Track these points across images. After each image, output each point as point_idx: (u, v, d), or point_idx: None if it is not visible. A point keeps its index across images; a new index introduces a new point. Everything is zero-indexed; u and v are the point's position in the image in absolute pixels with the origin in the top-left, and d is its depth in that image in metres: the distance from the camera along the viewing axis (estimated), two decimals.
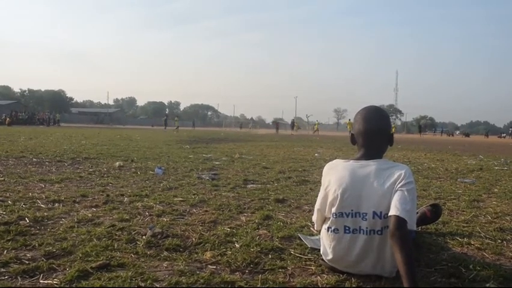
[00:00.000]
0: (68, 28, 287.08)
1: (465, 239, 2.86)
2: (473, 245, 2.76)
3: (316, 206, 2.19)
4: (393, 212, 1.89)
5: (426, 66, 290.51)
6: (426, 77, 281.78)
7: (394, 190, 1.95)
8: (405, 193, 1.93)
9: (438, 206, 3.07)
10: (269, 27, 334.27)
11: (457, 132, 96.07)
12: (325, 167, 2.20)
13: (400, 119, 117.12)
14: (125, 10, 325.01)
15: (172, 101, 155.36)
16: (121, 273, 2.03)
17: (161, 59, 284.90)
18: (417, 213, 2.98)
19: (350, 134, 2.24)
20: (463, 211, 3.84)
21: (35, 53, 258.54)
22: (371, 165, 2.03)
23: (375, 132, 2.10)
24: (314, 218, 2.24)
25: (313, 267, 2.21)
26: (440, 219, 3.35)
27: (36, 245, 2.46)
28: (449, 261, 2.39)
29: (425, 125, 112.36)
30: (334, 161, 2.21)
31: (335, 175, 2.08)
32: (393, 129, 52.05)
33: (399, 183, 1.96)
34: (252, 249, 2.48)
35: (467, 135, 67.32)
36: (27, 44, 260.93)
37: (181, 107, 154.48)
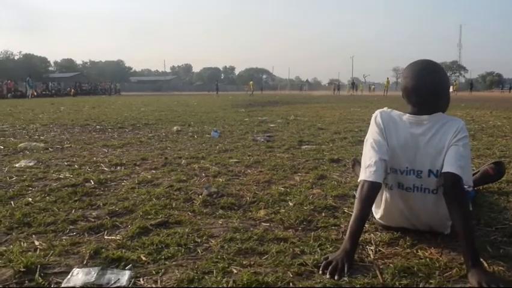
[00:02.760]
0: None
1: None
2: None
3: (370, 148, 1.92)
4: (447, 168, 1.79)
5: (492, 16, 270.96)
6: (493, 29, 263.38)
7: (449, 145, 1.84)
8: (461, 148, 1.82)
9: (501, 164, 2.90)
10: None
11: None
12: (378, 114, 2.00)
13: (464, 76, 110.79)
14: None
15: (227, 66, 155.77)
16: (179, 230, 2.11)
17: (215, 24, 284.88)
18: (478, 171, 2.86)
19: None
20: None
21: (94, 24, 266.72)
22: (426, 121, 1.90)
23: (425, 90, 1.92)
24: (367, 162, 1.91)
25: (366, 225, 2.19)
26: (504, 178, 3.19)
27: (101, 204, 2.61)
28: (511, 220, 2.28)
29: (491, 81, 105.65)
30: (387, 110, 2.03)
31: (390, 128, 1.95)
32: (455, 87, 48.35)
33: (454, 137, 1.84)
34: (306, 208, 2.49)
35: None
36: (87, 16, 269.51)
37: (236, 72, 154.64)
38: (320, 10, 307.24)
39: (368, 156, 1.91)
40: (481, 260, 1.67)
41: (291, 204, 2.59)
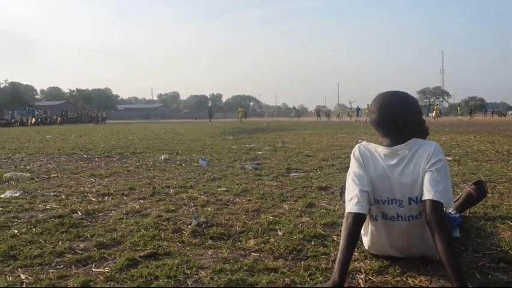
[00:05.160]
0: (111, 27, 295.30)
1: None
2: None
3: (353, 182, 1.97)
4: (426, 196, 1.83)
5: (474, 46, 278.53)
6: (475, 56, 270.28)
7: (423, 172, 1.88)
8: (435, 173, 1.85)
9: (482, 183, 2.95)
10: (306, 13, 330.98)
11: (510, 112, 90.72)
12: (356, 149, 2.05)
13: (448, 101, 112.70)
14: (164, 5, 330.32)
15: (215, 94, 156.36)
16: (168, 261, 2.10)
17: (202, 52, 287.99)
18: (461, 195, 2.90)
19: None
20: None
21: (81, 53, 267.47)
22: (399, 151, 1.95)
23: (388, 122, 1.98)
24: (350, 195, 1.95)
25: (356, 254, 2.19)
26: (489, 203, 3.24)
27: (88, 236, 2.58)
28: (498, 246, 2.31)
29: (474, 106, 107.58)
30: (365, 143, 2.09)
31: (368, 161, 2.00)
32: (435, 112, 48.75)
33: (427, 163, 1.88)
34: (295, 237, 2.49)
35: None
36: (74, 45, 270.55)
37: (223, 99, 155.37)
38: (305, 40, 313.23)
39: (350, 190, 1.95)
40: (470, 286, 1.68)
41: (280, 233, 2.59)
